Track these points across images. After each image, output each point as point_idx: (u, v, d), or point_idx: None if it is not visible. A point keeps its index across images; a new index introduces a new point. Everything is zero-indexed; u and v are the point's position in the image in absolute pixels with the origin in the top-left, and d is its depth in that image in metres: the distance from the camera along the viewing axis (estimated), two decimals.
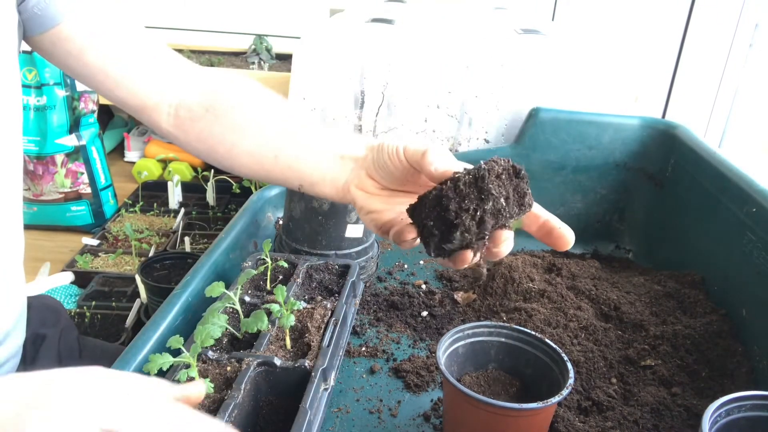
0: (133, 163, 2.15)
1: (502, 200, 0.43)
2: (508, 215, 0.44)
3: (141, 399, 0.40)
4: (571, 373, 0.56)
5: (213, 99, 0.69)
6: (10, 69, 0.61)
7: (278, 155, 0.64)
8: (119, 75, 0.67)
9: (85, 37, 0.64)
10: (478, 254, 0.46)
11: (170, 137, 0.72)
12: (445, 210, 0.44)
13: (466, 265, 0.48)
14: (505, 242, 0.47)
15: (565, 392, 0.54)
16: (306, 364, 0.58)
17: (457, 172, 0.46)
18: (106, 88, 0.68)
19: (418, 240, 0.49)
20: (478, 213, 0.43)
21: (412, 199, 0.49)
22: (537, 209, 0.50)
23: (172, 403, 0.40)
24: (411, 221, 0.49)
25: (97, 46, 0.65)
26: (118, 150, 2.32)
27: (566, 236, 0.49)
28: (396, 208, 0.57)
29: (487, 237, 0.45)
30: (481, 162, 0.45)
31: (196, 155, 0.72)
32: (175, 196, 1.88)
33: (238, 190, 1.78)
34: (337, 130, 0.64)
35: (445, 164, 0.49)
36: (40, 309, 0.78)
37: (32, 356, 0.75)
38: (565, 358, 0.58)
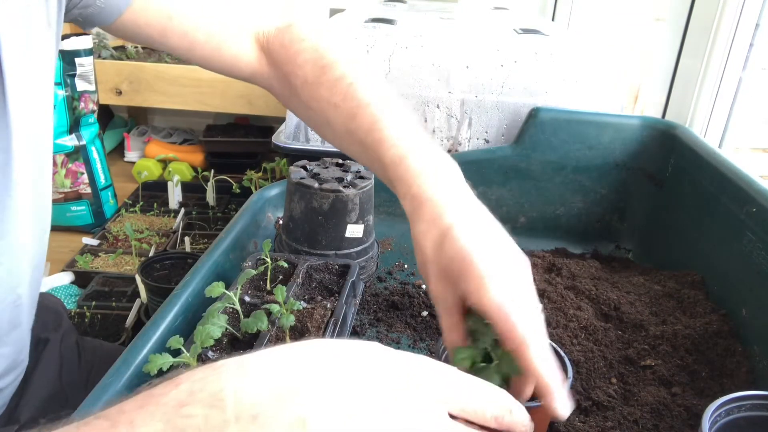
0: (133, 163, 2.15)
1: None
2: None
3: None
4: (571, 373, 0.56)
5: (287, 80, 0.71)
6: (48, 84, 0.61)
7: (359, 158, 0.65)
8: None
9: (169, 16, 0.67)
10: None
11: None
12: None
13: None
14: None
15: None
16: None
17: None
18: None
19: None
20: None
21: None
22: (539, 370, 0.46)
23: None
24: None
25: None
26: (118, 150, 2.32)
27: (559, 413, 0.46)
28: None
29: None
30: None
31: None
32: (175, 196, 1.88)
33: (238, 190, 1.78)
34: (404, 147, 0.57)
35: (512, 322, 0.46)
36: (41, 311, 0.78)
37: (35, 360, 0.75)
38: (565, 358, 0.58)
